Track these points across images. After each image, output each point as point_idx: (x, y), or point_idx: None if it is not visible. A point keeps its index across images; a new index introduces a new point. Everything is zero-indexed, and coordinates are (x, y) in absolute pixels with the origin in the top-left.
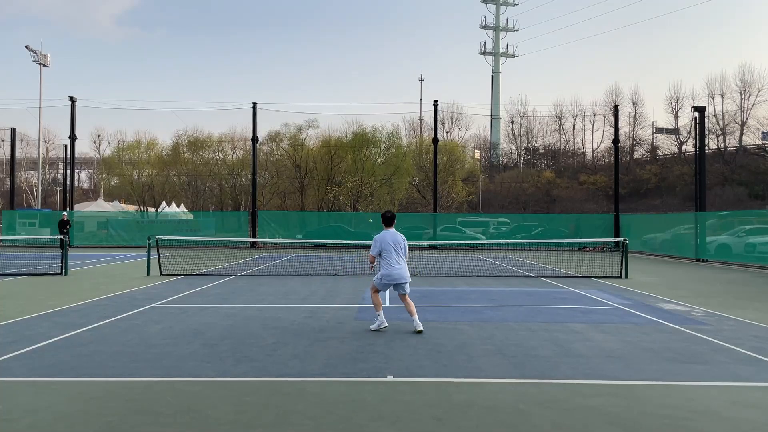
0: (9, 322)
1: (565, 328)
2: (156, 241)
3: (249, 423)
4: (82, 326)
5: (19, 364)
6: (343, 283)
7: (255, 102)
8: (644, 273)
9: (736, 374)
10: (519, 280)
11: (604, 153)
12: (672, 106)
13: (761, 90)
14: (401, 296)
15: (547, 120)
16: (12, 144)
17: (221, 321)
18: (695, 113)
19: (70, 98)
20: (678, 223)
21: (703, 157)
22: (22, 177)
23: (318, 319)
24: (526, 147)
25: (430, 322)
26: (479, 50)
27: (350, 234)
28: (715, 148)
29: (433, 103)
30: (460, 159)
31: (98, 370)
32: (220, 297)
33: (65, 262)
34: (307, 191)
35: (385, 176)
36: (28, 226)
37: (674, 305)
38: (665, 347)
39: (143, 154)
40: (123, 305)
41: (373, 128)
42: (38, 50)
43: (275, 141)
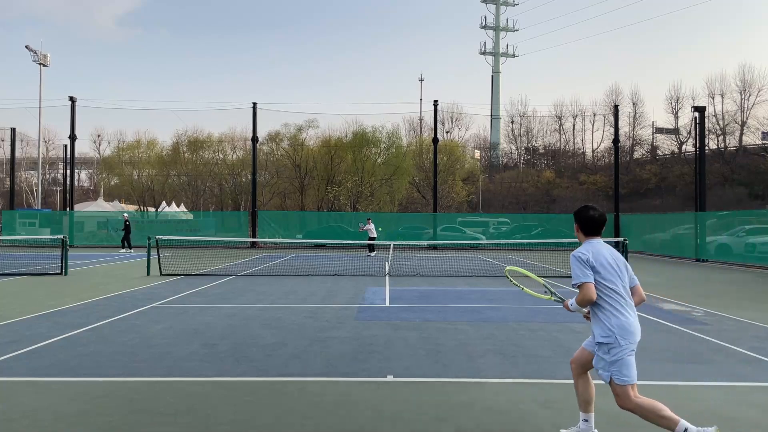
0: (9, 322)
1: (565, 328)
2: (156, 241)
3: (249, 423)
4: (82, 326)
5: (19, 364)
6: (343, 283)
7: (255, 102)
8: (644, 273)
9: (736, 374)
10: (519, 280)
11: (604, 153)
12: (672, 106)
13: (761, 90)
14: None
15: (547, 120)
16: (12, 144)
17: (221, 321)
18: (695, 113)
19: (70, 98)
20: (678, 223)
21: (703, 157)
22: (22, 177)
23: (318, 319)
24: (526, 147)
25: (430, 322)
26: (479, 50)
27: (350, 234)
28: (715, 148)
29: (433, 103)
30: (460, 159)
31: (98, 370)
32: (220, 297)
33: (65, 262)
34: (307, 191)
35: (385, 176)
36: (28, 226)
37: (674, 305)
38: (665, 347)
39: (143, 154)
40: (123, 305)
41: (373, 128)
42: (38, 50)
43: (275, 141)
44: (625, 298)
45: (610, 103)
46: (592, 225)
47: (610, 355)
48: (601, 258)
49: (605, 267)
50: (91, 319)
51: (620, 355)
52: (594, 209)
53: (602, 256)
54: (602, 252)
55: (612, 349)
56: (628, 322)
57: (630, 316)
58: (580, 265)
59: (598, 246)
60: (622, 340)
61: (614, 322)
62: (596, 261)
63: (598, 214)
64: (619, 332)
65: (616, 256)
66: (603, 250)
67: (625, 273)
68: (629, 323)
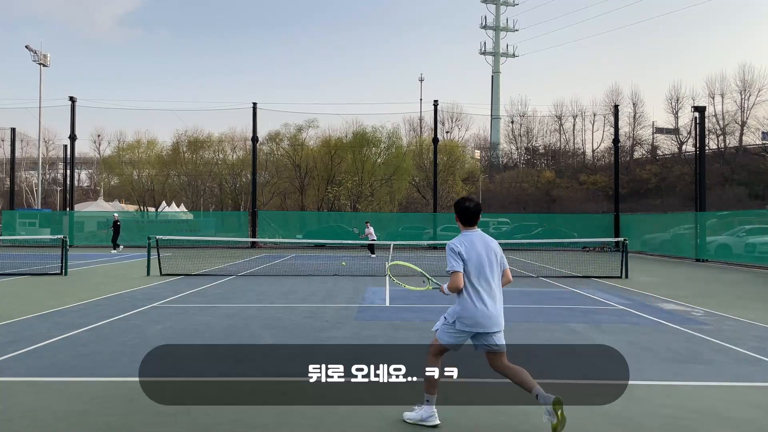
0: (9, 322)
1: (565, 328)
2: (156, 241)
3: (249, 423)
4: (82, 326)
5: (19, 364)
6: (343, 283)
7: (255, 102)
8: (644, 273)
9: (736, 374)
10: (519, 280)
11: (604, 153)
12: (672, 106)
13: (761, 90)
14: (492, 358)
15: (547, 120)
16: (12, 144)
17: (221, 321)
18: (695, 113)
19: (70, 98)
20: (678, 223)
21: (703, 157)
22: (22, 177)
23: (318, 319)
24: (526, 147)
25: (430, 322)
26: (479, 50)
27: (350, 234)
28: (715, 148)
29: (433, 103)
30: (460, 159)
31: (98, 370)
32: (220, 297)
33: (65, 262)
34: (307, 191)
35: (385, 176)
36: (28, 226)
37: (674, 305)
38: (665, 347)
39: (143, 154)
40: (123, 305)
41: (373, 128)
42: (38, 50)
43: (275, 141)
44: (485, 288)
45: (610, 103)
46: (468, 215)
47: (445, 321)
48: (472, 251)
49: (472, 260)
50: (91, 319)
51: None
52: (470, 200)
53: (474, 249)
54: (475, 244)
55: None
56: (476, 311)
57: (481, 305)
58: (453, 255)
59: (473, 238)
60: (459, 324)
61: (461, 308)
62: (467, 254)
63: (473, 205)
64: (460, 316)
65: (490, 247)
66: (477, 242)
67: (495, 262)
68: (477, 313)
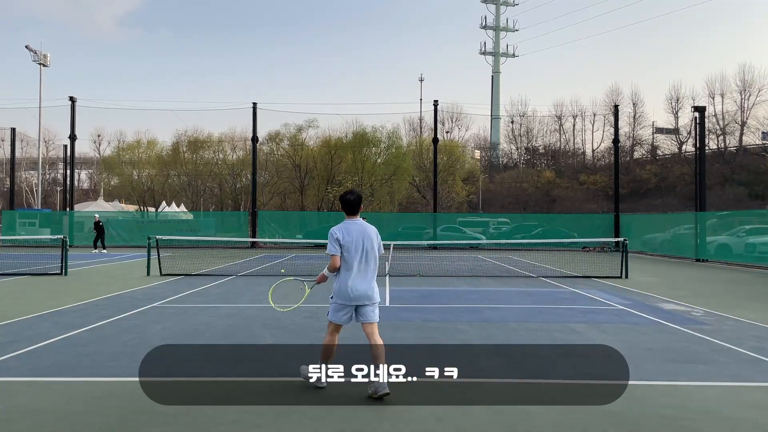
0: (9, 322)
1: (565, 328)
2: (156, 241)
3: (249, 423)
4: (82, 326)
5: (19, 364)
6: None
7: (255, 102)
8: (644, 273)
9: (736, 374)
10: (519, 280)
11: (604, 153)
12: (672, 106)
13: (761, 90)
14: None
15: (547, 120)
16: (12, 144)
17: (221, 321)
18: (695, 113)
19: (70, 98)
20: (678, 223)
21: (703, 157)
22: (22, 177)
23: (318, 319)
24: (526, 147)
25: (430, 322)
26: (479, 50)
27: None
28: (715, 148)
29: (433, 103)
30: (460, 159)
31: (98, 370)
32: (220, 297)
33: (65, 262)
34: (307, 191)
35: (385, 176)
36: (28, 226)
37: (674, 305)
38: (665, 347)
39: (143, 154)
40: (123, 305)
41: (373, 128)
42: (38, 50)
43: (275, 141)
44: (358, 267)
45: (610, 103)
46: (349, 206)
47: (331, 302)
48: (348, 237)
49: (347, 244)
50: (91, 319)
51: (333, 303)
52: (351, 193)
53: (351, 235)
54: (351, 231)
55: (331, 299)
56: (347, 286)
57: (352, 282)
58: (331, 241)
59: (350, 225)
60: (336, 297)
61: (338, 285)
62: (344, 239)
63: (353, 197)
64: (336, 292)
65: (366, 234)
66: (353, 229)
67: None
68: (347, 288)
